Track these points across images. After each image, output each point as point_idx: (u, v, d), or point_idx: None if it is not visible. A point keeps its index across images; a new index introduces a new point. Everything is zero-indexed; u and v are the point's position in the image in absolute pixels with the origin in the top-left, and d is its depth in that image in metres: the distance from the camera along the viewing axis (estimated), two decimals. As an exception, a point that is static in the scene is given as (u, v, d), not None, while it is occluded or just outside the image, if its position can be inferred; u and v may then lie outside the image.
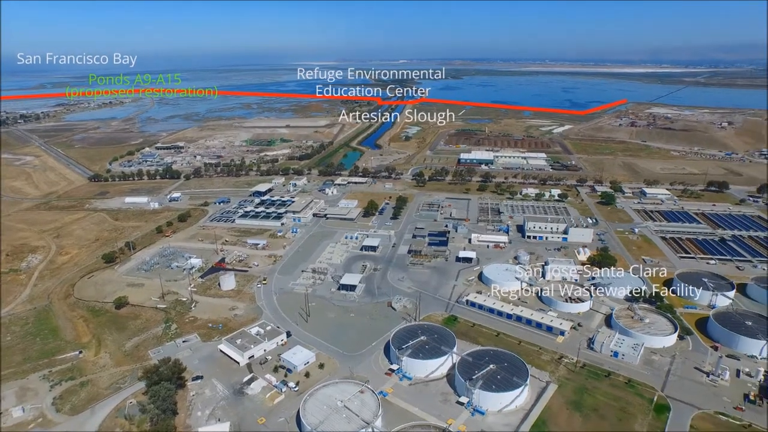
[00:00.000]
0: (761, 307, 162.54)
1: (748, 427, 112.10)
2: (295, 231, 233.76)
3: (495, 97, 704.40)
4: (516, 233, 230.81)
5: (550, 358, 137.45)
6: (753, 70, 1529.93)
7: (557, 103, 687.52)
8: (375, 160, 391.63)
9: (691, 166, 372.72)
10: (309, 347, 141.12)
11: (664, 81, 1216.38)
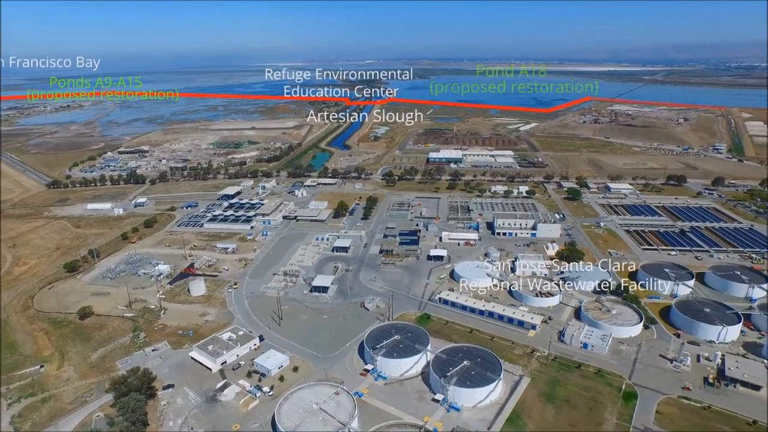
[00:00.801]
0: (718, 294, 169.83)
1: (708, 408, 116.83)
2: (265, 234, 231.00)
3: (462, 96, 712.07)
4: (486, 230, 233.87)
5: (522, 352, 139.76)
6: (705, 68, 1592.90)
7: (523, 101, 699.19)
8: (344, 161, 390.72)
9: (651, 161, 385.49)
10: (282, 351, 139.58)
11: (624, 79, 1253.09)
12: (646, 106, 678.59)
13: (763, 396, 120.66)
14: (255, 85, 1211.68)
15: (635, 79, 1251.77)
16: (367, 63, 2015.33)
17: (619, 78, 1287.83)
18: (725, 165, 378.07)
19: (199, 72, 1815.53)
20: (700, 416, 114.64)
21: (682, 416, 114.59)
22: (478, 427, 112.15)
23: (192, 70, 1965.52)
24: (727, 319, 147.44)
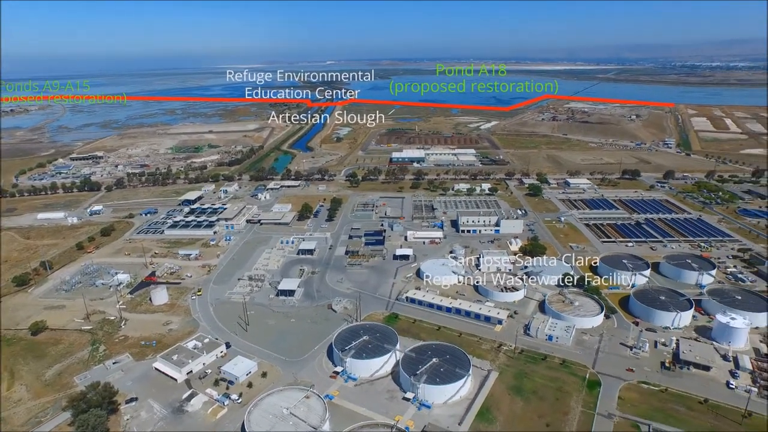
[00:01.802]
0: (672, 282, 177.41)
1: (665, 390, 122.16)
2: (228, 239, 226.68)
3: (423, 96, 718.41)
4: (450, 228, 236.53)
5: (489, 347, 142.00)
6: (653, 67, 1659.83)
7: (483, 100, 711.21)
8: (307, 163, 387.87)
9: (607, 157, 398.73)
10: (250, 357, 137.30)
11: (579, 77, 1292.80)
12: (600, 104, 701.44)
13: (713, 375, 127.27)
14: (214, 87, 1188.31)
15: (590, 78, 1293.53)
16: (327, 64, 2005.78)
17: (575, 76, 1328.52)
18: (675, 159, 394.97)
19: (156, 74, 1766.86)
20: (658, 399, 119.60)
21: (642, 400, 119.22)
22: (449, 423, 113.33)
23: (148, 72, 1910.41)
24: (680, 305, 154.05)
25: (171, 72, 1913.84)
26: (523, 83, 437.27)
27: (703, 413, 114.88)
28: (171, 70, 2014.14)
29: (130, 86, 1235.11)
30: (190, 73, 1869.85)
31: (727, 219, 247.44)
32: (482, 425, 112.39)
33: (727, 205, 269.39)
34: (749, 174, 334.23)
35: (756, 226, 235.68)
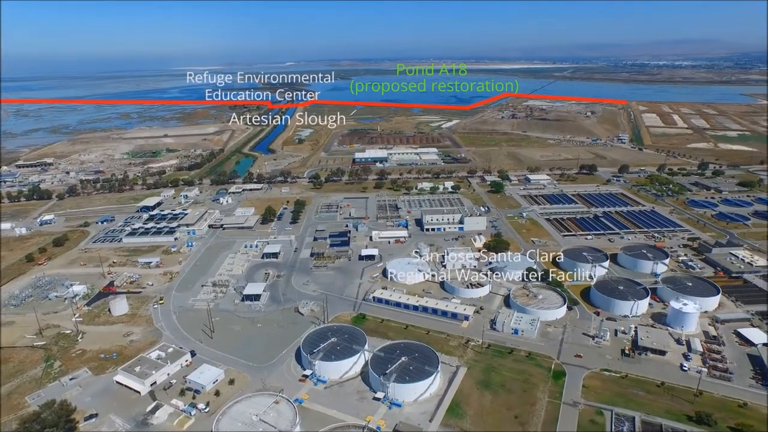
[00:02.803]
0: (629, 272, 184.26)
1: (626, 377, 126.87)
2: (190, 245, 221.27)
3: (384, 96, 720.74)
4: (415, 227, 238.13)
5: (457, 343, 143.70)
6: (606, 65, 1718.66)
7: (444, 99, 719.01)
8: (269, 165, 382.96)
9: (565, 153, 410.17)
10: (217, 364, 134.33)
11: (537, 76, 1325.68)
12: (557, 101, 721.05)
13: (668, 359, 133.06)
14: (171, 90, 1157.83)
15: (547, 76, 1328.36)
16: (287, 65, 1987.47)
17: (533, 75, 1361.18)
18: (629, 153, 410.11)
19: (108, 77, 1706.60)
20: (619, 385, 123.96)
21: (604, 387, 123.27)
22: (420, 421, 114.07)
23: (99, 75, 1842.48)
24: (637, 294, 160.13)
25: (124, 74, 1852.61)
26: (483, 83, 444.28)
27: (660, 395, 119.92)
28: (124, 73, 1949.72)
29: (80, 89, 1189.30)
30: (145, 75, 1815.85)
31: (677, 210, 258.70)
32: (453, 421, 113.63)
33: (677, 196, 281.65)
34: (695, 167, 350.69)
35: (703, 216, 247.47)
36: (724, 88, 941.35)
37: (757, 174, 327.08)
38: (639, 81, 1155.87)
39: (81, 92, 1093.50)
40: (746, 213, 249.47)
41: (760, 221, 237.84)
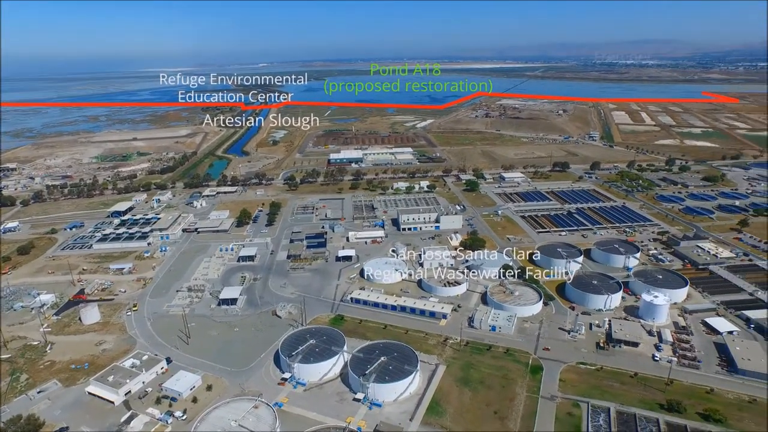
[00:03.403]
0: (602, 267, 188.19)
1: (601, 369, 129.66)
2: (164, 249, 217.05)
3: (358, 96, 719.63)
4: (391, 227, 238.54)
5: (436, 341, 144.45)
6: (576, 65, 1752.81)
7: (418, 99, 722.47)
8: (244, 168, 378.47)
9: (538, 150, 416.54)
10: (194, 370, 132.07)
11: (509, 75, 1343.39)
12: (530, 100, 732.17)
13: (640, 351, 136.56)
14: (141, 92, 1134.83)
15: (519, 75, 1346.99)
16: (260, 67, 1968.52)
17: (505, 74, 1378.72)
18: (600, 151, 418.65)
19: (74, 79, 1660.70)
20: (595, 377, 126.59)
21: (580, 380, 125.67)
22: (401, 420, 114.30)
23: (63, 77, 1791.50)
24: (610, 288, 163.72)
25: (90, 76, 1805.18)
26: (457, 83, 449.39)
27: (634, 386, 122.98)
28: (90, 74, 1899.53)
29: (43, 92, 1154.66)
30: (113, 77, 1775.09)
31: (647, 205, 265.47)
32: (433, 419, 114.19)
33: (646, 192, 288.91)
34: (663, 163, 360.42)
35: (671, 211, 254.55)
36: (688, 86, 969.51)
37: (720, 169, 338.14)
38: (608, 80, 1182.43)
39: (45, 94, 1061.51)
40: (711, 207, 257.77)
41: (723, 214, 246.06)
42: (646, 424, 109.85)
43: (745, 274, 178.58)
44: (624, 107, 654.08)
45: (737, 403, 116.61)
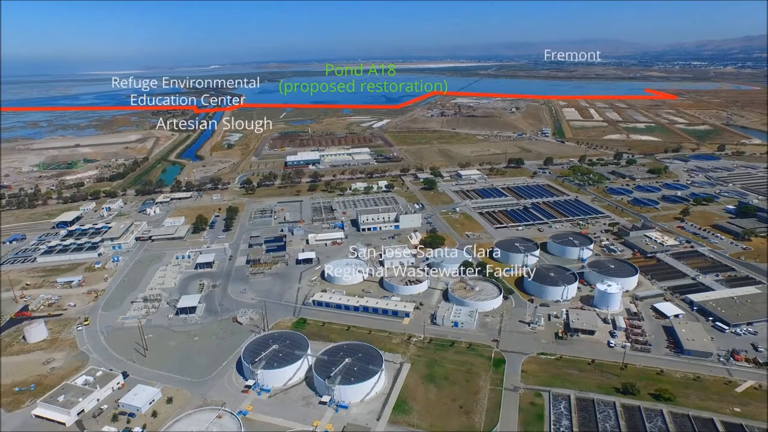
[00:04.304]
0: (558, 259, 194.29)
1: (560, 358, 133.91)
2: (116, 259, 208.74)
3: (313, 97, 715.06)
4: (351, 227, 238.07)
5: (400, 340, 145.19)
6: (527, 63, 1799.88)
7: (373, 99, 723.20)
8: (198, 172, 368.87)
9: (494, 148, 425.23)
10: (153, 383, 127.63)
11: (463, 74, 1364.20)
12: (484, 98, 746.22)
13: (597, 338, 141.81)
14: (85, 96, 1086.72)
15: (472, 74, 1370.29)
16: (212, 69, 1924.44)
17: (459, 73, 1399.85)
18: (552, 146, 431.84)
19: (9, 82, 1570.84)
20: (555, 366, 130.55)
21: (541, 370, 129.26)
22: (368, 420, 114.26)
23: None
24: (566, 279, 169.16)
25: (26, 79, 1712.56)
26: (412, 82, 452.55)
27: (592, 372, 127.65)
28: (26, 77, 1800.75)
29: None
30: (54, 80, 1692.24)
31: (598, 198, 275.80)
32: (400, 417, 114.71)
33: (597, 185, 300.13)
34: (612, 157, 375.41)
35: (620, 203, 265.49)
36: (631, 83, 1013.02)
37: (663, 162, 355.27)
38: (558, 77, 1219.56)
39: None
40: (656, 198, 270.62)
41: (667, 204, 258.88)
42: (604, 408, 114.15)
43: (688, 260, 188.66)
44: (573, 104, 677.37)
45: (684, 381, 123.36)
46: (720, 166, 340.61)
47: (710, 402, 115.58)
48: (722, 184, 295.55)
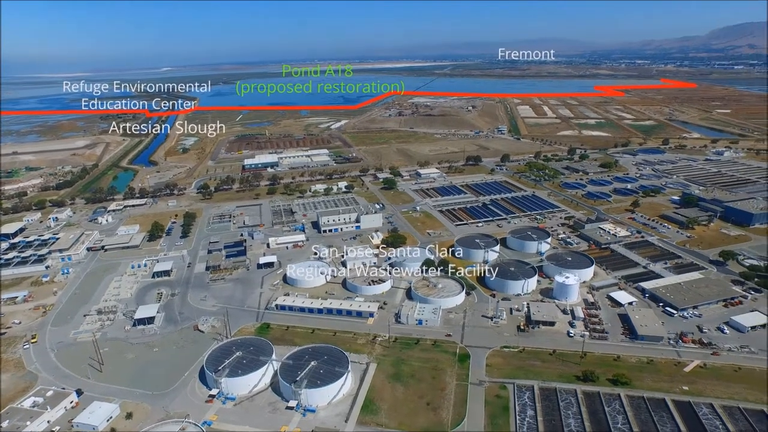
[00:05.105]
0: (518, 253, 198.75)
1: (523, 350, 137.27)
2: (66, 272, 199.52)
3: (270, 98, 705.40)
4: (312, 230, 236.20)
5: (365, 340, 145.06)
6: (482, 62, 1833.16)
7: (331, 100, 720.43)
8: (153, 178, 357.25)
9: (452, 146, 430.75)
10: (110, 399, 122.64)
11: (419, 74, 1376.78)
12: (441, 97, 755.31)
13: (557, 329, 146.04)
14: (27, 100, 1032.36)
15: (428, 74, 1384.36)
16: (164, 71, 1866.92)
17: (415, 73, 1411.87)
18: (508, 143, 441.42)
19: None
20: (518, 358, 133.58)
21: (505, 362, 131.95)
22: (336, 423, 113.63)
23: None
24: (526, 273, 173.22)
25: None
26: (369, 83, 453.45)
27: (553, 362, 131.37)
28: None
29: None
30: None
31: (554, 193, 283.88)
32: (368, 417, 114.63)
33: (552, 180, 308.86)
34: (565, 152, 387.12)
35: (575, 197, 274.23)
36: (581, 81, 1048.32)
37: (613, 156, 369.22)
38: (512, 76, 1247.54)
39: None
40: (608, 191, 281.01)
41: (618, 197, 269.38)
42: (566, 396, 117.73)
43: (639, 249, 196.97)
44: (528, 102, 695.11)
45: (639, 365, 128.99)
46: (665, 159, 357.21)
47: (662, 383, 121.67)
48: (667, 176, 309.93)
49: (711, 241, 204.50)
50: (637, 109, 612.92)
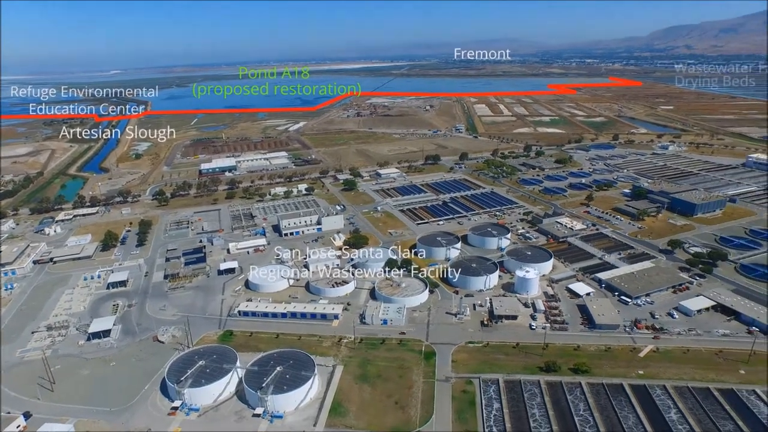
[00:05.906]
0: (479, 250, 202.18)
1: (487, 345, 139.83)
2: (10, 287, 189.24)
3: (226, 101, 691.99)
4: (273, 233, 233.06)
5: (330, 343, 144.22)
6: (438, 62, 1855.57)
7: (288, 102, 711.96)
8: (104, 186, 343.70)
9: (410, 146, 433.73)
10: (64, 420, 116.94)
11: (376, 74, 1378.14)
12: (398, 97, 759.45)
13: (519, 322, 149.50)
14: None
15: (385, 74, 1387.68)
16: (112, 74, 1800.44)
17: (372, 73, 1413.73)
18: (466, 142, 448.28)
19: None
20: (483, 353, 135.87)
21: (470, 358, 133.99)
22: (305, 427, 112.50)
23: None
24: (488, 269, 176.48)
25: None
26: (326, 85, 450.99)
27: (517, 355, 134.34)
28: None
29: None
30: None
31: (512, 189, 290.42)
32: (336, 420, 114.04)
33: (510, 177, 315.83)
34: (522, 149, 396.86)
35: (533, 192, 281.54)
36: (535, 80, 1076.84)
37: (568, 152, 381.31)
38: (468, 75, 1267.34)
39: None
40: (564, 186, 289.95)
41: (574, 192, 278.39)
42: (530, 387, 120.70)
43: (594, 242, 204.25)
44: (484, 100, 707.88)
45: (597, 353, 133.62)
46: (616, 154, 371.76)
47: (619, 369, 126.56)
48: (618, 170, 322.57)
49: (660, 231, 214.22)
50: (588, 106, 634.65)
